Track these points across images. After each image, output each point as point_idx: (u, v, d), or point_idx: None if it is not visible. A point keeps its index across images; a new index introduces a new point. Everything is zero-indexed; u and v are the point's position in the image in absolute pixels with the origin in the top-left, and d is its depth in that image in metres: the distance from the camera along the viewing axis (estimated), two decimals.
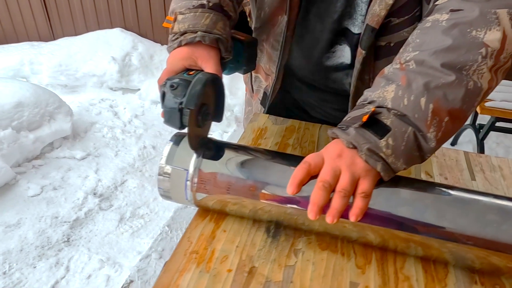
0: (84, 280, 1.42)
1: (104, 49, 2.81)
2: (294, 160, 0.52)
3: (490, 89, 0.50)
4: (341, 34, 0.69)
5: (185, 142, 0.55)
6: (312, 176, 0.48)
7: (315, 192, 0.46)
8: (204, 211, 0.57)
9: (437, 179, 0.68)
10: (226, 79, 2.59)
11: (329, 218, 0.45)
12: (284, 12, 0.70)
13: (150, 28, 2.88)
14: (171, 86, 0.54)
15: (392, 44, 0.65)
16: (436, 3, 0.56)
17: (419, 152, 0.49)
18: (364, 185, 0.46)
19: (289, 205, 0.50)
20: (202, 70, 0.59)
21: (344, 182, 0.46)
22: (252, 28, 0.87)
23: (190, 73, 0.59)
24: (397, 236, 0.48)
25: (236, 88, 2.53)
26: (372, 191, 0.47)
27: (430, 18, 0.54)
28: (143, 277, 1.38)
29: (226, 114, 2.43)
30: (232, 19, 0.68)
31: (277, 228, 0.55)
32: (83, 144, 2.21)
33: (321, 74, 0.76)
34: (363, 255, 0.52)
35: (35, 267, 1.47)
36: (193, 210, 1.78)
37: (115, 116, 2.52)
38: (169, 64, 0.60)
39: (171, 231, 1.53)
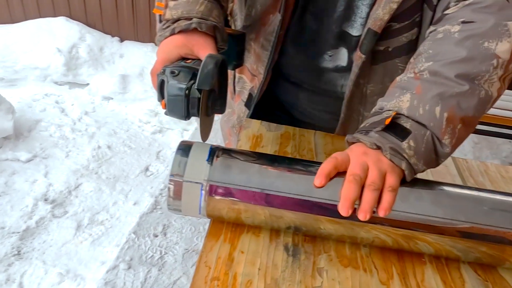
0: None
1: (47, 39, 2.57)
2: (310, 165, 0.51)
3: (499, 96, 0.53)
4: (339, 36, 0.68)
5: (194, 151, 0.51)
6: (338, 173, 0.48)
7: (347, 187, 0.46)
8: (216, 229, 0.54)
9: None
10: None
11: (362, 214, 0.45)
12: (277, 11, 0.68)
13: (99, 17, 2.68)
14: (172, 72, 0.49)
15: (390, 49, 0.66)
16: (446, 11, 0.57)
17: (436, 156, 0.51)
18: (391, 180, 0.47)
19: (309, 210, 0.49)
20: (199, 59, 0.56)
21: (373, 176, 0.46)
22: (236, 27, 0.83)
23: (187, 61, 0.54)
24: (416, 236, 0.49)
25: None
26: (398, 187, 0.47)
27: (441, 29, 0.55)
28: None
29: None
30: (224, 10, 0.65)
31: (295, 245, 0.53)
32: (27, 144, 2.01)
33: (315, 75, 0.75)
34: (384, 269, 0.52)
35: None
36: (160, 214, 1.70)
37: (62, 113, 2.33)
38: (162, 53, 0.56)
39: (138, 238, 1.45)
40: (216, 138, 2.18)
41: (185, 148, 0.51)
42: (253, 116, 0.82)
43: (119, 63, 2.65)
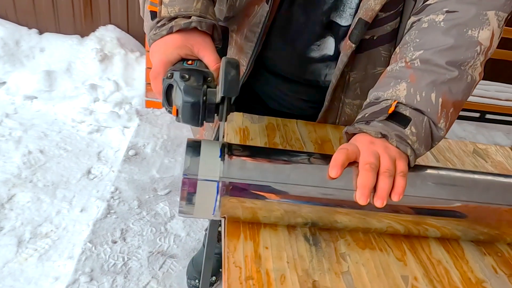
0: None
1: None
2: (321, 157, 0.52)
3: (479, 80, 0.58)
4: (327, 26, 0.69)
5: (205, 149, 0.48)
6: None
7: (363, 175, 0.47)
8: (234, 228, 0.52)
9: None
10: (120, 68, 2.35)
11: (379, 201, 0.47)
12: (264, 1, 0.67)
13: (12, 7, 2.38)
14: (182, 76, 0.46)
15: (375, 38, 0.68)
16: (428, 2, 0.60)
17: (431, 140, 0.55)
18: (401, 166, 0.49)
19: (325, 203, 0.50)
20: (199, 60, 0.53)
21: (387, 163, 0.48)
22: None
23: (189, 62, 0.52)
24: (424, 220, 0.52)
25: (131, 78, 2.32)
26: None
27: (425, 18, 0.59)
28: None
29: (125, 107, 2.21)
30: (214, 5, 0.62)
31: (313, 235, 0.54)
32: None
33: (300, 66, 0.75)
34: (396, 247, 0.55)
35: None
36: (115, 219, 1.59)
37: None
38: (161, 54, 0.52)
39: (96, 247, 1.34)
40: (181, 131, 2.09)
41: (194, 146, 0.49)
42: None
43: (41, 58, 2.39)
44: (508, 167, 0.81)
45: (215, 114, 0.47)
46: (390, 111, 0.52)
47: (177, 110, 0.47)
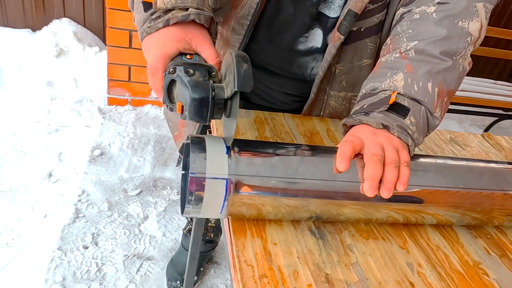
0: None
1: None
2: (324, 150, 0.51)
3: (468, 70, 0.60)
4: (315, 18, 0.69)
5: (210, 146, 0.46)
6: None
7: (371, 167, 0.47)
8: (239, 226, 0.50)
9: None
10: (78, 63, 2.22)
11: (386, 192, 0.47)
12: None
13: None
14: (187, 71, 0.44)
15: (362, 29, 0.69)
16: None
17: (428, 129, 0.56)
18: (404, 156, 0.50)
19: (330, 196, 0.49)
20: (197, 54, 0.51)
21: (392, 154, 0.48)
22: None
23: (188, 57, 0.49)
24: (422, 210, 0.54)
25: (91, 74, 2.20)
26: None
27: (416, 9, 0.60)
28: None
29: (86, 105, 2.10)
30: None
31: (317, 228, 0.53)
32: None
33: (288, 59, 0.74)
34: (397, 235, 0.56)
35: None
36: (85, 223, 1.51)
37: None
38: (159, 48, 0.49)
39: (66, 254, 1.25)
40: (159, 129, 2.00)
41: (199, 143, 0.46)
42: None
43: None
44: (483, 152, 0.85)
45: (223, 110, 0.44)
46: (390, 102, 0.52)
47: (182, 107, 0.44)
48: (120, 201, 1.53)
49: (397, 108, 0.53)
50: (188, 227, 1.26)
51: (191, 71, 0.43)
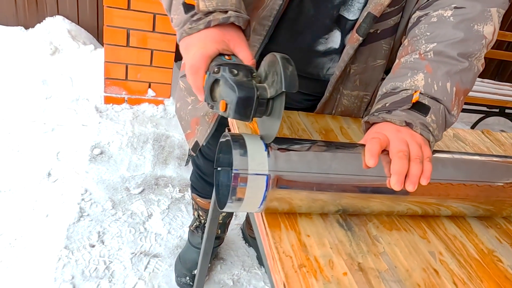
0: None
1: None
2: (352, 146, 0.54)
3: (481, 70, 0.64)
4: (335, 21, 0.72)
5: (250, 143, 0.49)
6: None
7: (398, 163, 0.50)
8: (273, 220, 0.53)
9: None
10: (74, 62, 2.20)
11: (411, 186, 0.50)
12: None
13: None
14: (231, 72, 0.46)
15: (379, 31, 0.72)
16: None
17: (445, 126, 0.60)
18: (427, 151, 0.53)
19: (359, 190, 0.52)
20: (234, 55, 0.53)
21: (416, 150, 0.52)
22: None
23: (227, 57, 0.52)
24: (439, 203, 0.57)
25: (87, 73, 2.18)
26: None
27: (434, 13, 0.63)
28: None
29: (82, 104, 2.08)
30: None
31: (344, 220, 0.56)
32: None
33: (306, 59, 0.77)
34: (417, 226, 0.59)
35: None
36: (90, 222, 1.51)
37: None
38: (200, 48, 0.52)
39: (73, 253, 1.25)
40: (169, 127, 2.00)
41: (239, 141, 0.49)
42: None
43: None
44: (485, 148, 0.90)
45: (265, 109, 0.47)
46: (413, 101, 0.55)
47: (226, 105, 0.46)
48: (123, 199, 1.54)
49: (419, 107, 0.57)
50: (194, 224, 1.28)
51: (235, 71, 0.45)
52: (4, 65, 2.14)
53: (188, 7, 0.52)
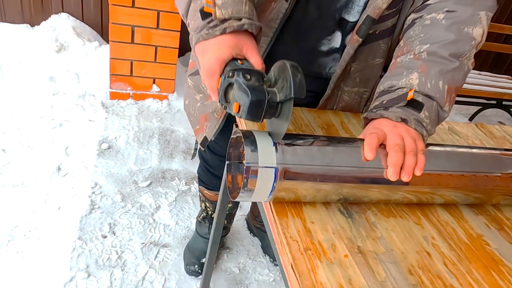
0: None
1: None
2: (352, 140, 0.59)
3: (471, 69, 0.68)
4: (337, 22, 0.76)
5: (260, 139, 0.54)
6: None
7: (394, 155, 0.55)
8: (280, 208, 0.58)
9: None
10: (79, 58, 2.24)
11: (406, 176, 0.55)
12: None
13: None
14: (244, 76, 0.51)
15: (377, 32, 0.77)
16: (428, 2, 0.69)
17: (438, 121, 0.65)
18: (421, 145, 0.58)
19: (358, 181, 0.57)
20: (246, 60, 0.58)
21: (411, 143, 0.57)
22: None
23: (240, 62, 0.56)
24: (433, 191, 0.62)
25: (92, 69, 2.23)
26: None
27: (427, 16, 0.68)
28: None
29: (89, 99, 2.13)
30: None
31: (345, 208, 0.62)
32: None
33: (310, 59, 0.82)
34: (412, 213, 0.64)
35: None
36: (101, 214, 1.58)
37: None
38: (216, 53, 0.56)
39: (86, 243, 1.31)
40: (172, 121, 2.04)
41: (250, 136, 0.54)
42: None
43: None
44: (478, 141, 0.95)
45: (275, 112, 0.51)
46: (408, 98, 0.60)
47: (239, 107, 0.51)
48: (132, 192, 1.59)
49: (413, 104, 0.62)
50: (202, 215, 1.33)
51: (248, 76, 0.50)
52: (11, 62, 2.19)
53: (205, 14, 0.57)
